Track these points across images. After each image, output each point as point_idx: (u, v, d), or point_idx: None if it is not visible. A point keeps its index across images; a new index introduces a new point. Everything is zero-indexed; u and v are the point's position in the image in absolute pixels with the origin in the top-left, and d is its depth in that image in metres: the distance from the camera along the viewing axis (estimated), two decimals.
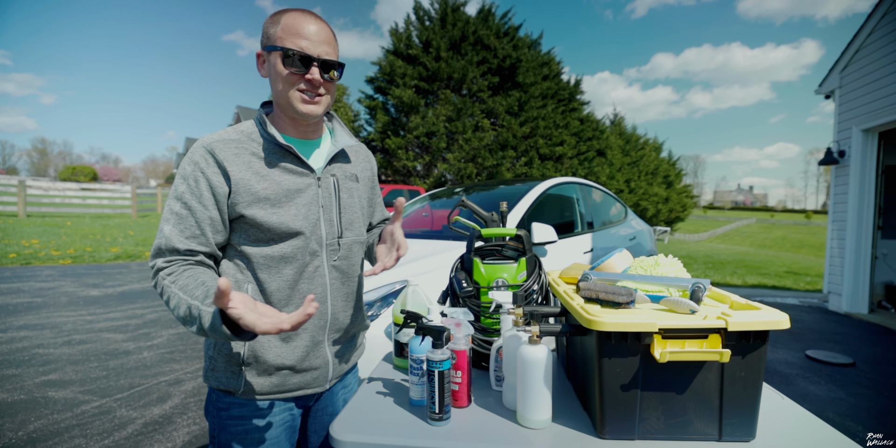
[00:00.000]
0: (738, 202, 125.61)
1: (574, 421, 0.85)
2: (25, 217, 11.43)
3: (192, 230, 0.85)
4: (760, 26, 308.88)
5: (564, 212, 3.40)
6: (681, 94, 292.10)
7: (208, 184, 0.86)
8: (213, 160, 0.87)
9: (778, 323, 0.73)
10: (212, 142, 0.88)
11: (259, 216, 0.87)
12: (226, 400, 0.92)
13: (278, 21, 0.87)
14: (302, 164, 0.94)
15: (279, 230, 0.89)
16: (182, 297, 0.78)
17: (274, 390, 0.93)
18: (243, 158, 0.88)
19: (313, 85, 0.89)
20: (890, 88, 4.75)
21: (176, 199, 0.87)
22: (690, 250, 19.52)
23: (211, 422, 0.95)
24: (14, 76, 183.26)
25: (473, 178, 13.31)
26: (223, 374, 0.91)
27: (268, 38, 0.88)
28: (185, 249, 0.85)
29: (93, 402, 2.47)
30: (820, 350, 3.80)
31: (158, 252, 0.85)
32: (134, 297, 4.97)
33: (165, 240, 0.84)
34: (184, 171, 0.87)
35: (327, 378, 1.00)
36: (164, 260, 0.84)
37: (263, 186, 0.88)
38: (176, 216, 0.86)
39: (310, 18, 0.88)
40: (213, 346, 0.93)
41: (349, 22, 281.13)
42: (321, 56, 0.88)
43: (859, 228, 5.29)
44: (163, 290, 0.81)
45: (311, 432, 1.07)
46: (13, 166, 66.87)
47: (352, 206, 1.02)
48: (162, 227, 0.86)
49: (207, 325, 0.73)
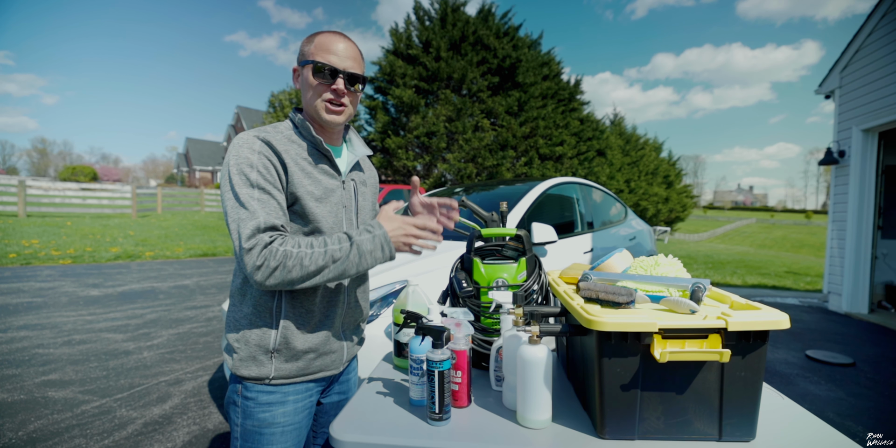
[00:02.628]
0: (738, 202, 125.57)
1: (574, 421, 0.85)
2: (25, 217, 11.42)
3: (278, 212, 0.90)
4: (760, 27, 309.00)
5: (564, 212, 3.40)
6: (681, 95, 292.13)
7: (276, 171, 0.92)
8: (271, 150, 0.93)
9: (778, 323, 0.73)
10: (264, 135, 0.95)
11: (309, 207, 0.96)
12: (255, 388, 0.97)
13: (312, 40, 0.99)
14: (334, 168, 1.05)
15: (319, 222, 0.97)
16: (317, 250, 0.87)
17: (300, 373, 1.00)
18: (291, 155, 0.96)
19: (338, 94, 0.98)
20: (890, 88, 4.75)
21: (252, 187, 0.89)
22: (690, 250, 19.52)
23: (235, 410, 0.99)
24: (16, 76, 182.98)
25: (473, 178, 13.31)
26: (253, 363, 0.96)
27: (302, 55, 1.00)
28: (282, 225, 0.90)
29: (93, 402, 2.47)
30: (820, 350, 3.80)
31: (257, 230, 0.85)
32: (134, 297, 4.97)
33: (263, 219, 0.86)
34: (247, 160, 0.90)
35: (342, 360, 1.09)
36: (267, 235, 0.86)
37: (310, 182, 0.97)
38: (258, 202, 0.88)
39: (340, 38, 1.00)
40: (239, 337, 0.97)
41: (350, 23, 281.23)
42: (346, 69, 0.98)
43: (859, 228, 5.29)
44: (285, 256, 0.84)
45: (320, 414, 1.14)
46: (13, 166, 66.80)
47: (365, 209, 1.13)
48: (251, 210, 0.86)
49: (371, 244, 0.92)
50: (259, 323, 0.96)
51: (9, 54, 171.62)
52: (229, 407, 1.01)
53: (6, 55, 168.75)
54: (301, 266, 0.85)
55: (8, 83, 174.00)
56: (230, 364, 0.99)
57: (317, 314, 1.00)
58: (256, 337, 0.96)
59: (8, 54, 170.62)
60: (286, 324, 0.96)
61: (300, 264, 0.85)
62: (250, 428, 0.97)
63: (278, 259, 0.84)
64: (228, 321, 1.01)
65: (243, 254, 0.84)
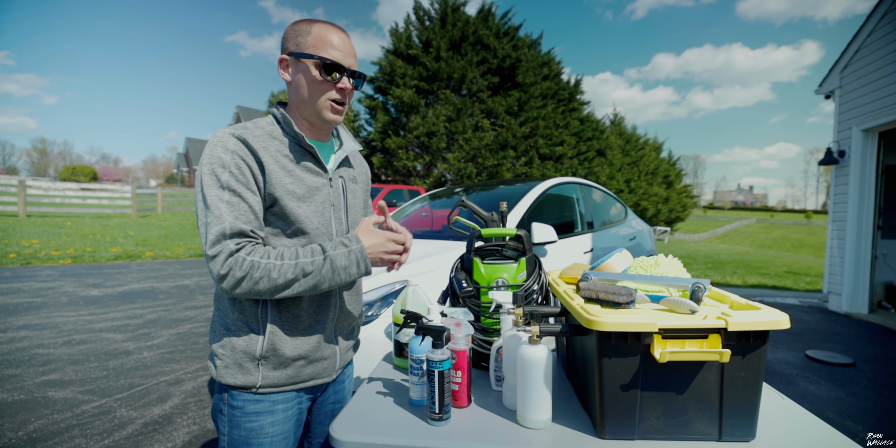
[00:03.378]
0: (738, 202, 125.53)
1: (574, 421, 0.85)
2: (25, 217, 11.42)
3: (248, 216, 0.86)
4: (761, 27, 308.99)
5: (564, 212, 3.40)
6: (681, 95, 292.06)
7: (250, 171, 0.87)
8: (247, 149, 0.88)
9: (778, 323, 0.73)
10: (241, 132, 0.89)
11: (289, 207, 0.91)
12: (241, 397, 0.93)
13: (309, 31, 0.92)
14: (319, 165, 0.98)
15: (302, 223, 0.92)
16: (287, 263, 0.84)
17: (289, 382, 0.95)
18: (270, 152, 0.91)
19: (345, 94, 0.95)
20: (890, 88, 4.75)
21: (222, 189, 0.84)
22: (690, 250, 19.52)
23: (221, 420, 0.95)
24: (17, 77, 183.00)
25: (473, 178, 13.31)
26: (238, 370, 0.92)
27: (297, 46, 0.92)
28: (251, 231, 0.85)
29: (93, 402, 2.47)
30: (820, 350, 3.80)
31: (222, 236, 0.82)
32: (134, 297, 4.97)
33: (229, 224, 0.82)
34: (220, 160, 0.85)
35: (335, 367, 1.04)
36: (233, 242, 0.82)
37: (290, 180, 0.92)
38: (227, 204, 0.84)
39: (341, 32, 0.95)
40: (223, 344, 0.93)
41: (351, 23, 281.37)
42: (352, 67, 0.94)
43: (859, 228, 5.28)
44: (251, 267, 0.81)
45: (315, 423, 1.09)
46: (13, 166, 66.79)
47: (356, 207, 1.09)
48: (216, 214, 0.83)
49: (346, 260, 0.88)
50: (245, 328, 0.92)
51: (10, 54, 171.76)
52: (216, 415, 0.97)
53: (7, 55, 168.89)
54: (269, 278, 0.82)
55: (9, 83, 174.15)
56: (214, 372, 0.94)
57: (306, 319, 0.96)
58: (243, 343, 0.91)
59: (9, 54, 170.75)
60: (273, 329, 0.92)
61: (268, 276, 0.82)
62: (238, 438, 0.93)
63: (244, 269, 0.81)
64: (213, 326, 0.96)
65: (208, 260, 0.81)
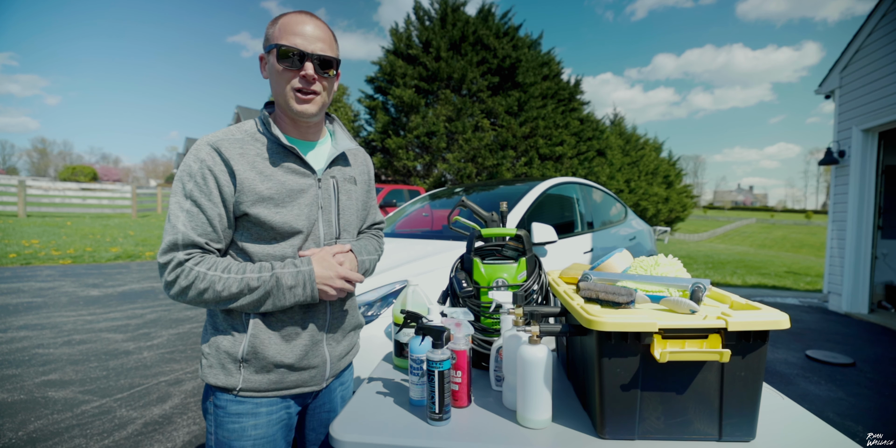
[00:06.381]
0: (738, 202, 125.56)
1: (574, 421, 0.85)
2: (25, 217, 11.42)
3: (205, 227, 0.86)
4: (761, 28, 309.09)
5: (564, 212, 3.40)
6: (682, 95, 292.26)
7: (216, 181, 0.86)
8: (219, 158, 0.87)
9: (778, 323, 0.73)
10: (217, 140, 0.89)
11: (263, 215, 0.89)
12: (223, 397, 0.92)
13: (277, 22, 0.90)
14: (304, 165, 0.95)
15: (282, 229, 0.91)
16: (232, 276, 0.84)
17: (272, 388, 0.93)
18: (248, 158, 0.89)
19: (307, 81, 0.89)
20: (890, 88, 4.75)
21: (185, 197, 0.86)
22: (690, 250, 19.51)
23: (208, 419, 0.95)
24: (19, 77, 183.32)
25: (473, 178, 13.31)
26: (221, 371, 0.91)
27: (266, 39, 0.91)
28: (204, 243, 0.87)
29: (93, 402, 2.47)
30: (820, 350, 3.79)
31: (174, 246, 0.84)
32: (134, 297, 4.97)
33: (182, 235, 0.84)
34: (189, 168, 0.87)
35: (324, 376, 1.01)
36: (184, 253, 0.84)
37: (267, 186, 0.89)
38: (186, 214, 0.85)
39: (306, 18, 0.90)
40: (210, 343, 0.93)
41: (353, 24, 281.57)
42: (315, 52, 0.88)
43: (859, 228, 5.28)
44: (196, 277, 0.83)
45: (308, 430, 1.07)
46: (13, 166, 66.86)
47: (349, 208, 1.04)
48: (173, 223, 0.85)
49: (293, 280, 0.87)
50: (230, 329, 0.92)
51: (13, 55, 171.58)
52: (205, 414, 0.97)
53: (10, 56, 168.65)
54: (213, 290, 0.83)
55: (11, 84, 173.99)
56: (199, 371, 0.95)
57: (294, 325, 0.94)
58: (227, 344, 0.91)
59: (12, 55, 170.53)
60: (256, 332, 0.90)
61: (212, 288, 0.83)
62: (222, 438, 0.92)
63: (189, 279, 0.82)
64: (205, 326, 0.98)
65: (158, 267, 0.84)
